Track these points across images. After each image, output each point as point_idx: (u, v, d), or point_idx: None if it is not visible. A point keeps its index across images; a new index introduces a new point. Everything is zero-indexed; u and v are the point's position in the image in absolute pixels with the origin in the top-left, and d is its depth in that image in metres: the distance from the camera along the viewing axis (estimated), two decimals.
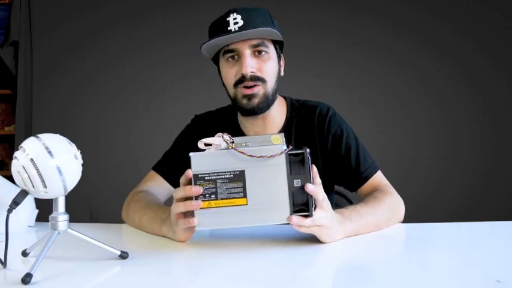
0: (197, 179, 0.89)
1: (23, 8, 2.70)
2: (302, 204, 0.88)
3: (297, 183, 0.87)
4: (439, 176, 2.68)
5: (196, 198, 0.89)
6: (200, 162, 0.89)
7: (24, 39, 2.70)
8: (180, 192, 0.91)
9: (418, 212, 1.70)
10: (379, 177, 1.24)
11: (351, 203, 1.49)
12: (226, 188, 0.88)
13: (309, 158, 0.89)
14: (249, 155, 0.87)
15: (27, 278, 0.72)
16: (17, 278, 0.73)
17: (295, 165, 0.88)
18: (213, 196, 0.88)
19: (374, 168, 1.24)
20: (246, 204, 0.88)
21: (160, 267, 0.87)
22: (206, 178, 0.89)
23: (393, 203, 1.14)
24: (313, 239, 0.95)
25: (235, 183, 0.88)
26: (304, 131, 1.27)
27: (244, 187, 0.88)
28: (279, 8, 1.22)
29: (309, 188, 0.87)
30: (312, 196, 0.88)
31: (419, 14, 2.71)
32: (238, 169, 0.88)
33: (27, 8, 2.71)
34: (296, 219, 0.88)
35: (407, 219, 1.17)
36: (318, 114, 1.27)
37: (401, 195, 1.18)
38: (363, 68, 2.72)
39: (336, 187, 1.36)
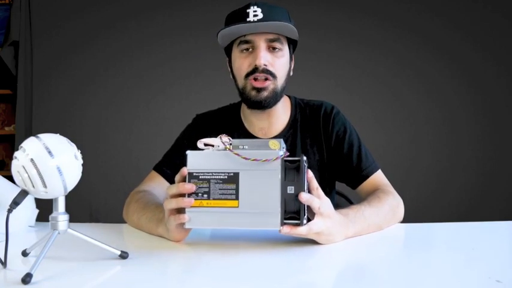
0: (191, 177, 0.89)
1: (23, 8, 2.70)
2: (294, 212, 0.86)
3: (290, 190, 0.86)
4: (439, 176, 2.68)
5: (189, 196, 0.89)
6: (196, 160, 0.89)
7: (24, 39, 2.70)
8: (173, 189, 0.91)
9: (418, 212, 1.71)
10: (379, 176, 1.26)
11: (351, 203, 1.49)
12: (219, 189, 0.88)
13: (305, 166, 0.88)
14: (244, 158, 0.86)
15: (27, 278, 0.72)
16: (17, 278, 0.73)
17: (290, 172, 0.87)
18: (205, 195, 0.88)
19: (375, 167, 1.26)
20: (237, 207, 0.87)
21: (160, 267, 0.87)
22: (200, 177, 0.89)
23: (394, 204, 1.14)
24: (312, 240, 0.95)
25: (229, 184, 0.88)
26: (309, 129, 1.29)
27: (237, 189, 0.87)
28: None
29: (303, 197, 0.85)
30: (304, 205, 0.86)
31: (419, 14, 2.71)
32: (233, 171, 0.87)
33: (27, 8, 2.71)
34: (287, 229, 0.85)
35: (407, 219, 1.17)
36: (324, 112, 1.29)
37: (401, 195, 1.19)
38: (363, 68, 2.72)
39: (336, 187, 1.36)
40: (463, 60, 2.70)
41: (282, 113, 1.28)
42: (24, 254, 0.89)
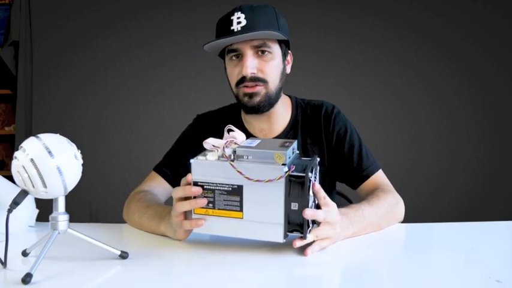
0: (196, 186, 0.89)
1: (23, 8, 2.69)
2: (297, 225, 0.87)
3: (294, 206, 0.85)
4: (439, 176, 2.68)
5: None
6: (200, 170, 0.89)
7: (24, 39, 2.69)
8: (179, 192, 0.92)
9: (418, 212, 1.70)
10: (380, 176, 1.25)
11: (351, 203, 1.49)
12: (224, 200, 0.88)
13: (310, 181, 0.87)
14: (246, 177, 0.85)
15: (27, 278, 0.73)
16: (17, 278, 0.74)
17: (295, 187, 0.85)
18: (210, 205, 0.89)
19: (376, 167, 1.26)
20: (242, 218, 0.88)
21: (160, 267, 0.87)
22: (205, 187, 0.89)
23: (393, 203, 1.14)
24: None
25: (233, 196, 0.88)
26: (310, 129, 1.28)
27: (241, 201, 0.87)
28: (279, 8, 1.22)
29: (307, 214, 0.85)
30: (307, 220, 0.87)
31: (419, 14, 2.71)
32: (237, 184, 0.87)
33: (27, 8, 2.71)
34: (300, 242, 0.88)
35: (407, 219, 1.17)
36: (324, 112, 1.28)
37: (401, 195, 1.18)
38: (363, 68, 2.72)
39: (336, 187, 1.36)
40: (463, 60, 2.70)
41: (282, 114, 1.28)
42: (24, 254, 0.89)
